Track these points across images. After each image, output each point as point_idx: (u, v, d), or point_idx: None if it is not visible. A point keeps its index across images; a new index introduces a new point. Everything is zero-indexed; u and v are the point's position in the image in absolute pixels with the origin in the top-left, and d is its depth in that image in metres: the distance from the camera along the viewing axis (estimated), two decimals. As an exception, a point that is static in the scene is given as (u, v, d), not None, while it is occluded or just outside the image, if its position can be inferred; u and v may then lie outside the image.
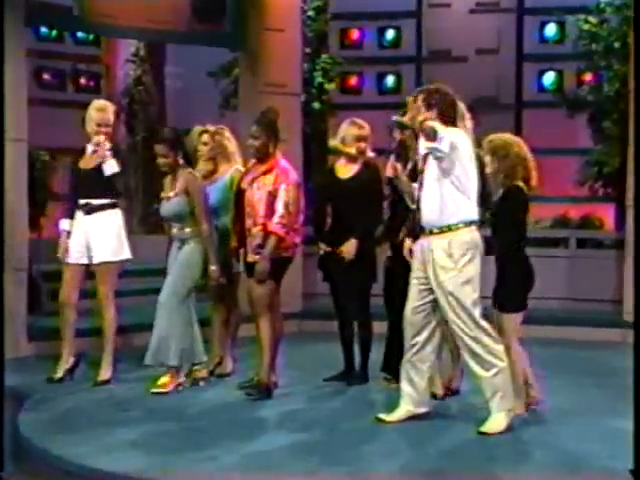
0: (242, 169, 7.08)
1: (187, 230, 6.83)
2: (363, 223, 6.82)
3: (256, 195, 6.56)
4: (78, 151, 7.22)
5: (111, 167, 7.01)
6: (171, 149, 6.81)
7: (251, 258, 6.61)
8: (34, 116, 8.48)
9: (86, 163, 7.12)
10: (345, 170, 7.01)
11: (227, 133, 7.45)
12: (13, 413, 6.23)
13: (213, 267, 6.75)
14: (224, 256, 6.93)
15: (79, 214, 7.11)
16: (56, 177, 10.17)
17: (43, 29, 11.58)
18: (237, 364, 7.42)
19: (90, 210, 7.07)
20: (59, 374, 7.18)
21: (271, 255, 6.51)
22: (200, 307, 7.14)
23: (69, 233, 7.14)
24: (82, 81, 12.35)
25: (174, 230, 6.90)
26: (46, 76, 11.92)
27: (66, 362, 7.21)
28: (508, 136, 6.15)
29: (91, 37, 12.29)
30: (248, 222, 6.59)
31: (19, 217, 8.05)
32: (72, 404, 6.57)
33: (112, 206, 7.11)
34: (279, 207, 6.50)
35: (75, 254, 7.13)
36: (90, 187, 7.07)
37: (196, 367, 6.99)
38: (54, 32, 11.84)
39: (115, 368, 7.22)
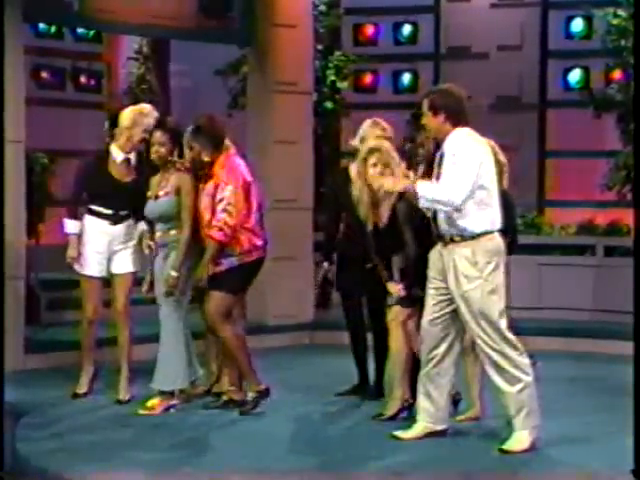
0: None
1: (172, 233, 6.65)
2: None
3: (202, 203, 6.58)
4: (96, 152, 7.20)
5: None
6: (170, 140, 6.69)
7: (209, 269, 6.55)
8: (32, 117, 8.54)
9: (119, 173, 7.04)
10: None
11: None
12: (10, 430, 6.25)
13: (173, 273, 6.56)
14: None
15: (103, 224, 7.02)
16: (55, 181, 10.19)
17: (41, 25, 11.61)
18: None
19: (118, 220, 7.02)
20: (84, 389, 7.17)
21: (238, 262, 6.50)
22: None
23: (79, 237, 7.03)
24: (82, 80, 12.37)
25: (157, 234, 6.74)
26: (45, 74, 11.94)
27: (88, 374, 7.21)
28: (491, 142, 6.20)
29: (92, 33, 12.30)
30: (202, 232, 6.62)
31: (16, 223, 8.05)
32: (71, 420, 6.58)
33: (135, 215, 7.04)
34: (217, 209, 6.48)
35: (97, 266, 7.04)
36: (122, 199, 6.99)
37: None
38: (53, 28, 11.86)
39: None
